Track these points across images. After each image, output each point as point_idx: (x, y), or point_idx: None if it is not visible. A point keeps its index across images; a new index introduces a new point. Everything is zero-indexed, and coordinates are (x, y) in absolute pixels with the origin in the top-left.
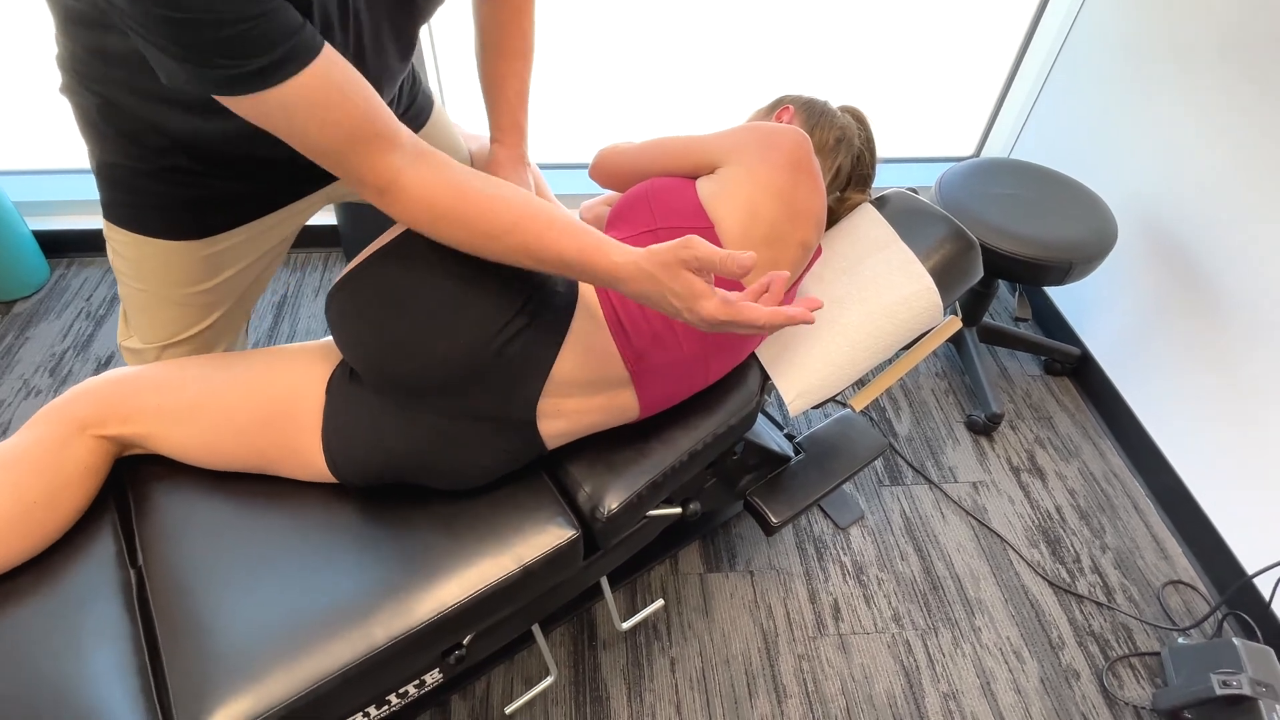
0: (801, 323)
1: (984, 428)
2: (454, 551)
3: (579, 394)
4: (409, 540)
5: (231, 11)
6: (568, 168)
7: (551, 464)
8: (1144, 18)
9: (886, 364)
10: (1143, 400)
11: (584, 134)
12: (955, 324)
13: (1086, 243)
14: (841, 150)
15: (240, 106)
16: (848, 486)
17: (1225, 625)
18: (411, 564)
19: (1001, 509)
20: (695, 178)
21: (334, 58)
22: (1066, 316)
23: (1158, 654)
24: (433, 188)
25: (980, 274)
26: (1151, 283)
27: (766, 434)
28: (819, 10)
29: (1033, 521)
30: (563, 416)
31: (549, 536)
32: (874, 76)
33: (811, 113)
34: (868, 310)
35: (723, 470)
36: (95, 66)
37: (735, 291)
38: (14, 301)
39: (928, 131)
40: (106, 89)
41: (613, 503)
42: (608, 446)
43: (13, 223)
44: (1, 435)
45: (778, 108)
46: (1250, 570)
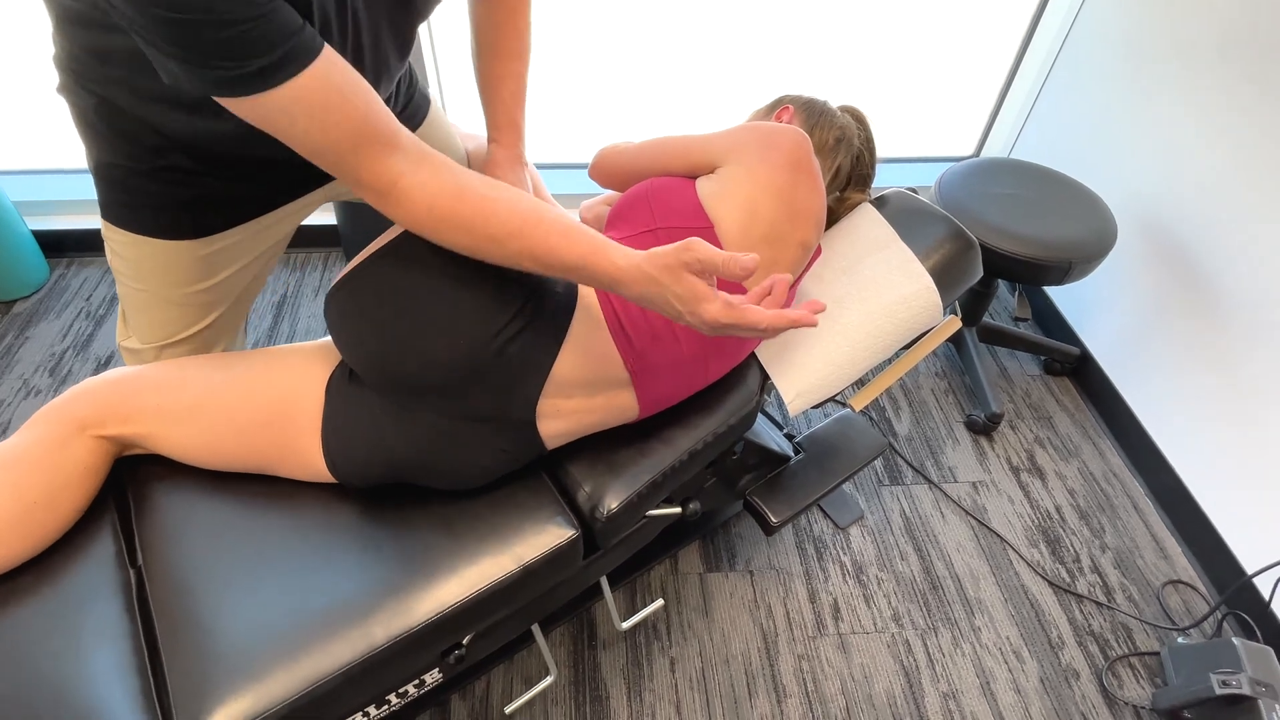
0: (804, 325)
1: (984, 427)
2: (454, 551)
3: (579, 394)
4: (409, 540)
5: (230, 12)
6: (567, 168)
7: (551, 464)
8: (1144, 17)
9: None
10: (1142, 400)
11: (584, 134)
12: (955, 324)
13: (1086, 242)
14: (841, 150)
15: (240, 108)
16: (847, 486)
17: (1225, 625)
18: (411, 564)
19: (1001, 509)
20: (695, 177)
21: (334, 59)
22: (1066, 316)
23: (1157, 654)
24: (434, 191)
25: (980, 274)
26: (1151, 283)
27: (766, 434)
28: (819, 10)
29: (1032, 521)
30: (562, 417)
31: (549, 536)
32: (874, 76)
33: (811, 113)
34: (867, 310)
35: (722, 470)
36: (93, 66)
37: (738, 295)
38: (14, 301)
39: (927, 131)
40: (104, 89)
41: (612, 502)
42: (607, 446)
43: (12, 222)
44: (1, 435)
45: (777, 108)
46: (1250, 570)
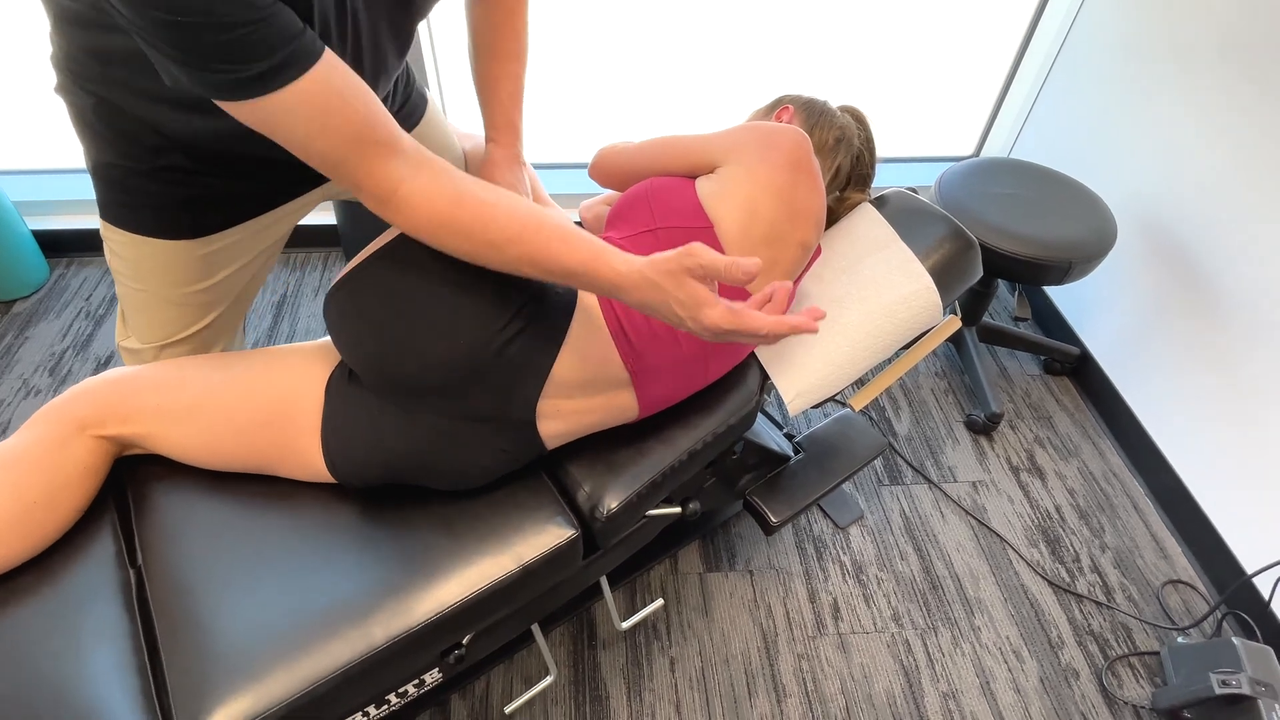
0: (805, 331)
1: (983, 427)
2: (454, 551)
3: (578, 394)
4: (409, 540)
5: (231, 16)
6: (567, 168)
7: (551, 464)
8: (1144, 17)
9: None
10: (1142, 400)
11: (583, 134)
12: (955, 323)
13: (1086, 242)
14: (841, 150)
15: (240, 112)
16: (847, 486)
17: (1224, 624)
18: (411, 564)
19: (1001, 508)
20: (695, 177)
21: (334, 63)
22: (1066, 316)
23: (1157, 653)
24: (433, 197)
25: (980, 273)
26: (1151, 282)
27: (766, 433)
28: (819, 10)
29: (1032, 521)
30: (562, 417)
31: (548, 536)
32: (874, 76)
33: (811, 112)
34: (867, 310)
35: (722, 470)
36: (91, 66)
37: (738, 301)
38: (13, 301)
39: (927, 131)
40: (103, 89)
41: (612, 502)
42: (607, 446)
43: (12, 222)
44: (1, 435)
45: (777, 108)
46: (1249, 570)
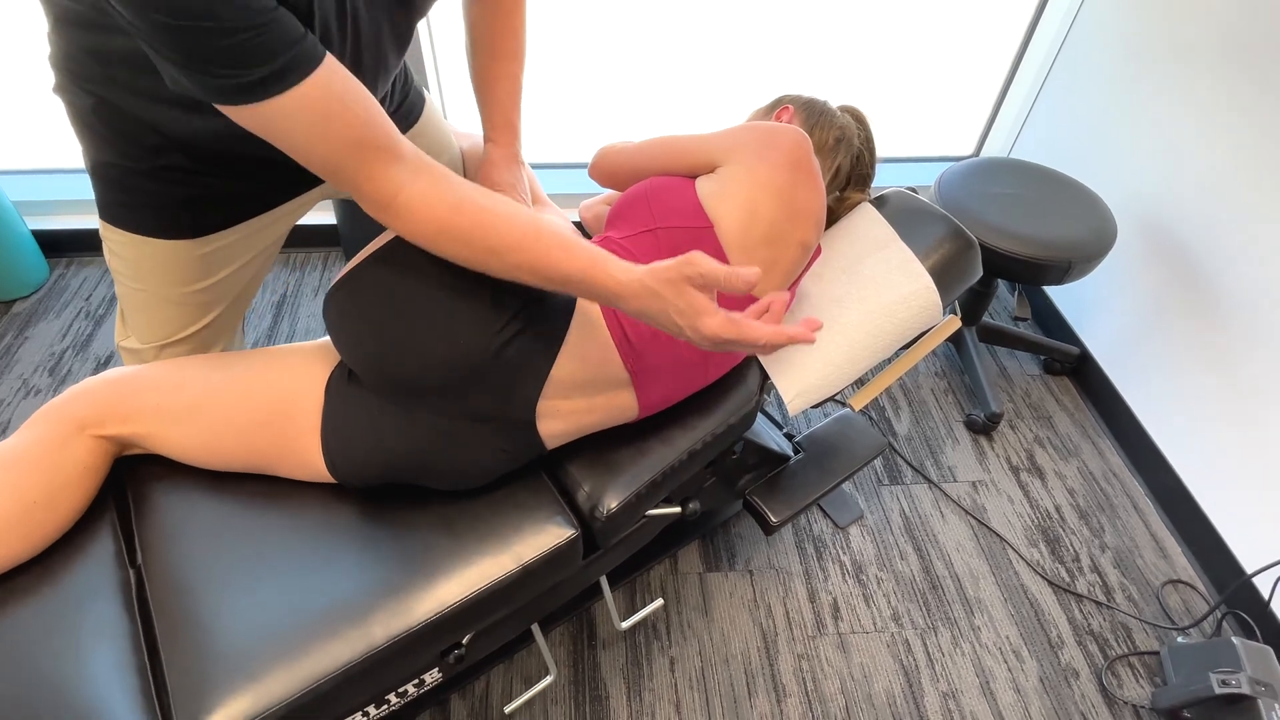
0: (802, 342)
1: (983, 427)
2: (453, 551)
3: (578, 394)
4: (408, 540)
5: (232, 20)
6: (566, 167)
7: (551, 463)
8: (1143, 17)
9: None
10: (1142, 400)
11: (583, 134)
12: (954, 323)
13: (1086, 242)
14: (841, 150)
15: (241, 116)
16: (847, 486)
17: (1224, 624)
18: (411, 564)
19: (1001, 508)
20: (695, 177)
21: (335, 68)
22: (1066, 316)
23: (1157, 653)
24: (434, 203)
25: (979, 273)
26: (1151, 282)
27: (766, 433)
28: (819, 10)
29: (1032, 521)
30: (562, 417)
31: (548, 536)
32: (874, 76)
33: (811, 112)
34: (867, 309)
35: (722, 469)
36: (91, 67)
37: (736, 311)
38: (13, 301)
39: (927, 131)
40: (103, 89)
41: (612, 502)
42: (607, 446)
43: (12, 222)
44: (1, 435)
45: (777, 107)
46: (1249, 569)
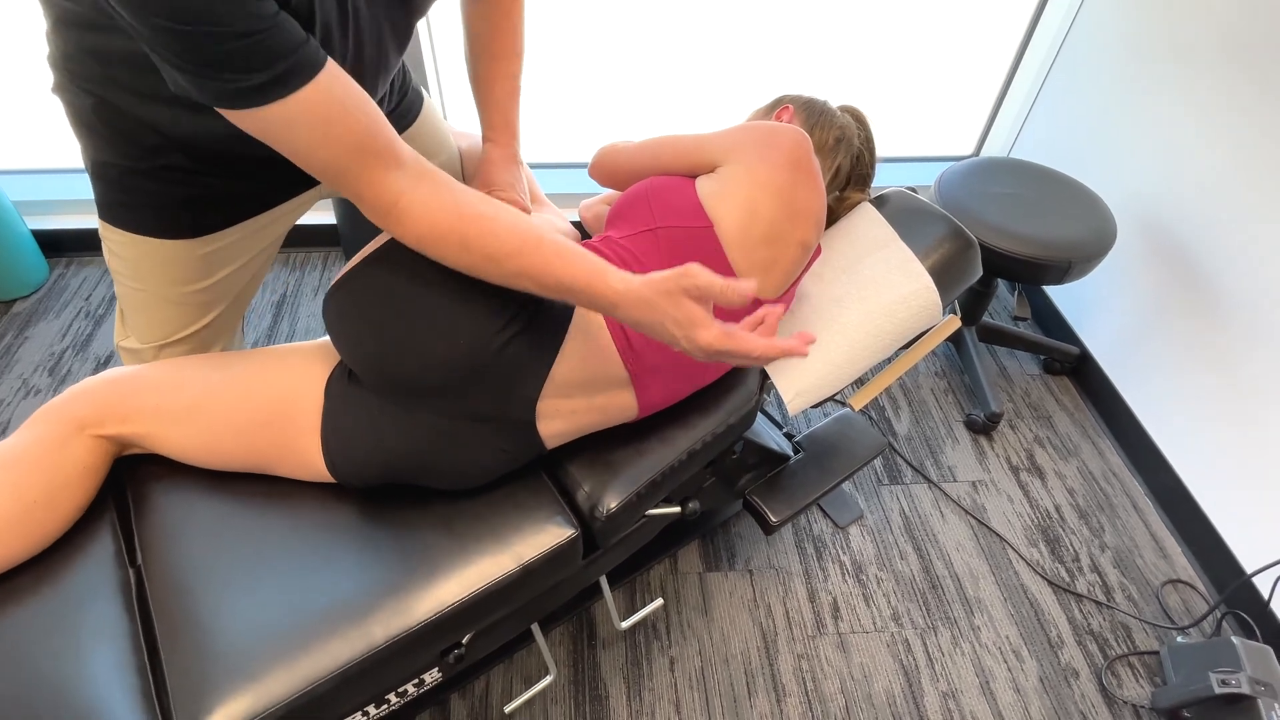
0: (795, 355)
1: (983, 427)
2: (453, 551)
3: (578, 394)
4: (408, 540)
5: (234, 25)
6: (566, 167)
7: (551, 463)
8: (1143, 17)
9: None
10: (1142, 400)
11: (582, 134)
12: (954, 323)
13: (1086, 242)
14: (841, 150)
15: (242, 120)
16: (847, 485)
17: (1224, 624)
18: (411, 563)
19: (1001, 508)
20: (695, 177)
21: (336, 73)
22: (1066, 316)
23: (1156, 653)
24: (434, 210)
25: (979, 273)
26: (1151, 282)
27: (766, 433)
28: (819, 10)
29: (1032, 521)
30: (562, 417)
31: (548, 535)
32: (874, 76)
33: (811, 112)
34: (867, 309)
35: (722, 469)
36: (91, 67)
37: (731, 323)
38: (13, 301)
39: (927, 131)
40: (102, 89)
41: (612, 502)
42: (607, 446)
43: (12, 222)
44: (1, 435)
45: (777, 107)
46: (1249, 569)
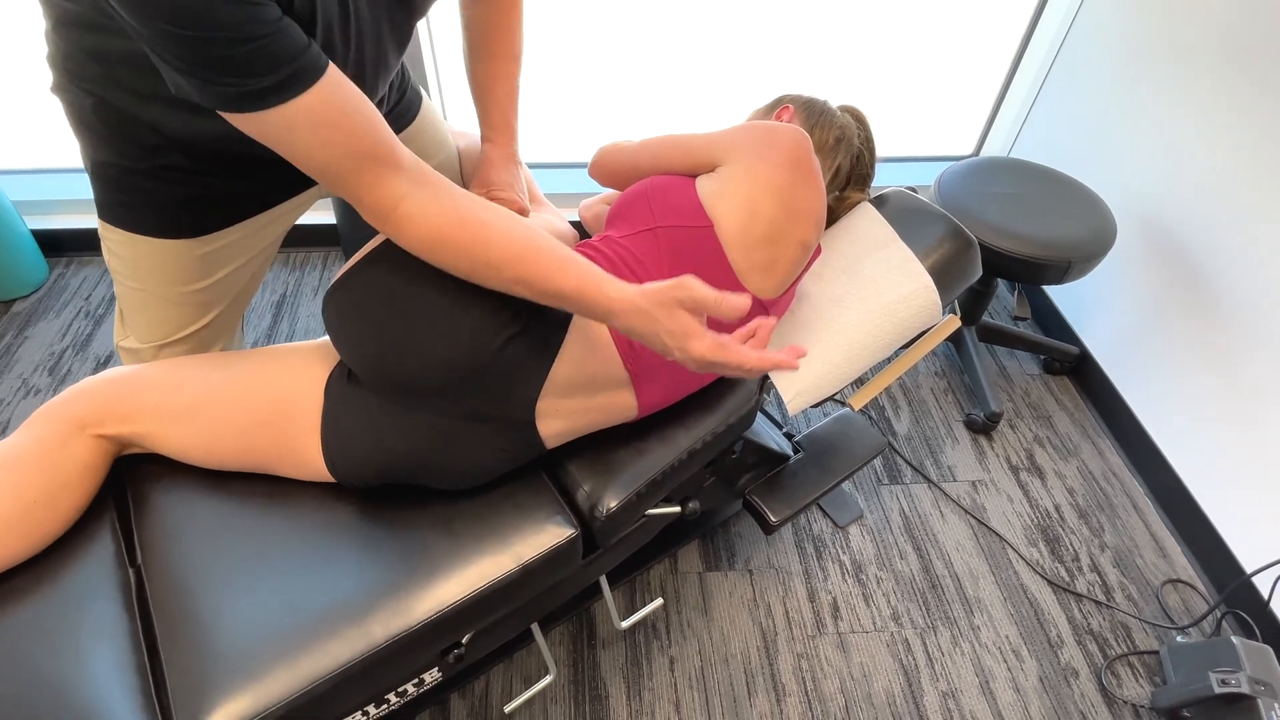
0: (786, 368)
1: (983, 427)
2: (453, 551)
3: (578, 394)
4: (408, 540)
5: (236, 30)
6: (566, 167)
7: (550, 463)
8: (1143, 17)
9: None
10: (1142, 399)
11: (582, 133)
12: (954, 323)
13: (1085, 242)
14: (841, 150)
15: (244, 124)
16: (847, 485)
17: (1224, 624)
18: (410, 563)
19: (1000, 508)
20: (695, 176)
21: (338, 78)
22: (1065, 316)
23: (1156, 653)
24: (434, 215)
25: (979, 273)
26: (1151, 282)
27: (765, 433)
28: (819, 10)
29: (1032, 520)
30: (562, 416)
31: (548, 535)
32: (874, 76)
33: (811, 112)
34: (867, 309)
35: (722, 469)
36: (91, 67)
37: (724, 334)
38: (13, 301)
39: (927, 130)
40: (102, 89)
41: (612, 501)
42: (607, 445)
43: (12, 222)
44: (1, 434)
45: (777, 107)
46: (1249, 569)
